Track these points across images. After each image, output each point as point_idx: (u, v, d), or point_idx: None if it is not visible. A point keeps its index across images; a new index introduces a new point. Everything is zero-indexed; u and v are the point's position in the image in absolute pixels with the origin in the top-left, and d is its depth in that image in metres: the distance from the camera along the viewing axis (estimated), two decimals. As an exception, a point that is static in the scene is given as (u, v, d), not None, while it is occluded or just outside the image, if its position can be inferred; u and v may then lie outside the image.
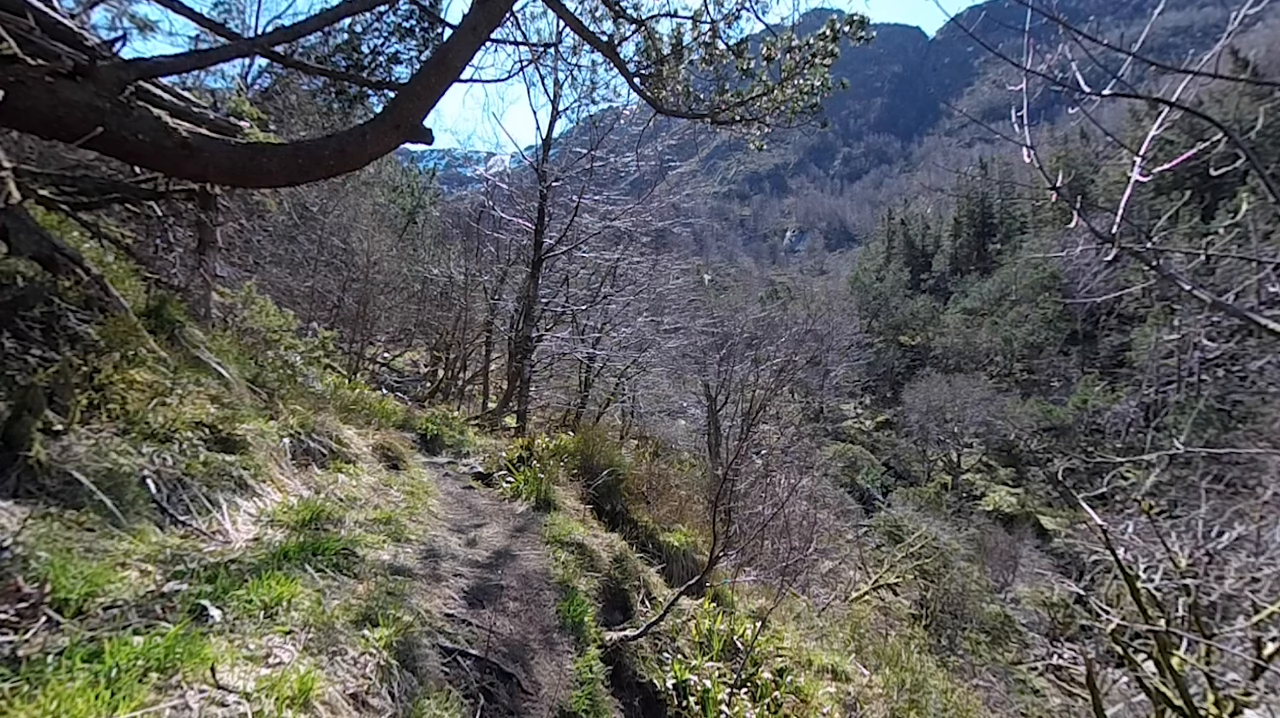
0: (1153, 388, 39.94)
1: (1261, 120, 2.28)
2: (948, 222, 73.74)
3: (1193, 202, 40.09)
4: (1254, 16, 1.81)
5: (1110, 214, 2.09)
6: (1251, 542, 5.17)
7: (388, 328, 15.76)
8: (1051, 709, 14.19)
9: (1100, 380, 43.22)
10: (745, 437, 6.24)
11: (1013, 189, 57.17)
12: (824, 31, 5.45)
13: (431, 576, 2.74)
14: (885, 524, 21.58)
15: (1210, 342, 21.15)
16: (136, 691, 1.25)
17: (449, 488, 4.81)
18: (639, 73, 5.82)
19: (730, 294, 45.53)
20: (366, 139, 3.39)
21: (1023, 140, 2.16)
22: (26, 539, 1.59)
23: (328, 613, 1.88)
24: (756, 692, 3.21)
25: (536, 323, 11.35)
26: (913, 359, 55.96)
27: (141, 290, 3.64)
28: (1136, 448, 30.28)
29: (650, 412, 16.77)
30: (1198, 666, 4.51)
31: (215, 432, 2.73)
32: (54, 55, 2.59)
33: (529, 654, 2.50)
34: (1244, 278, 3.48)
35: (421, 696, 1.82)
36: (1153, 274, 2.01)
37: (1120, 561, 5.06)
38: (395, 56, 6.82)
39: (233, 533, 2.31)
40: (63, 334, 2.45)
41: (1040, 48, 2.13)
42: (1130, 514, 6.29)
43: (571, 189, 11.22)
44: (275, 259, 10.65)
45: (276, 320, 5.73)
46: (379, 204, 17.23)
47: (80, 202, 4.18)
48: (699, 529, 6.30)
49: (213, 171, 3.23)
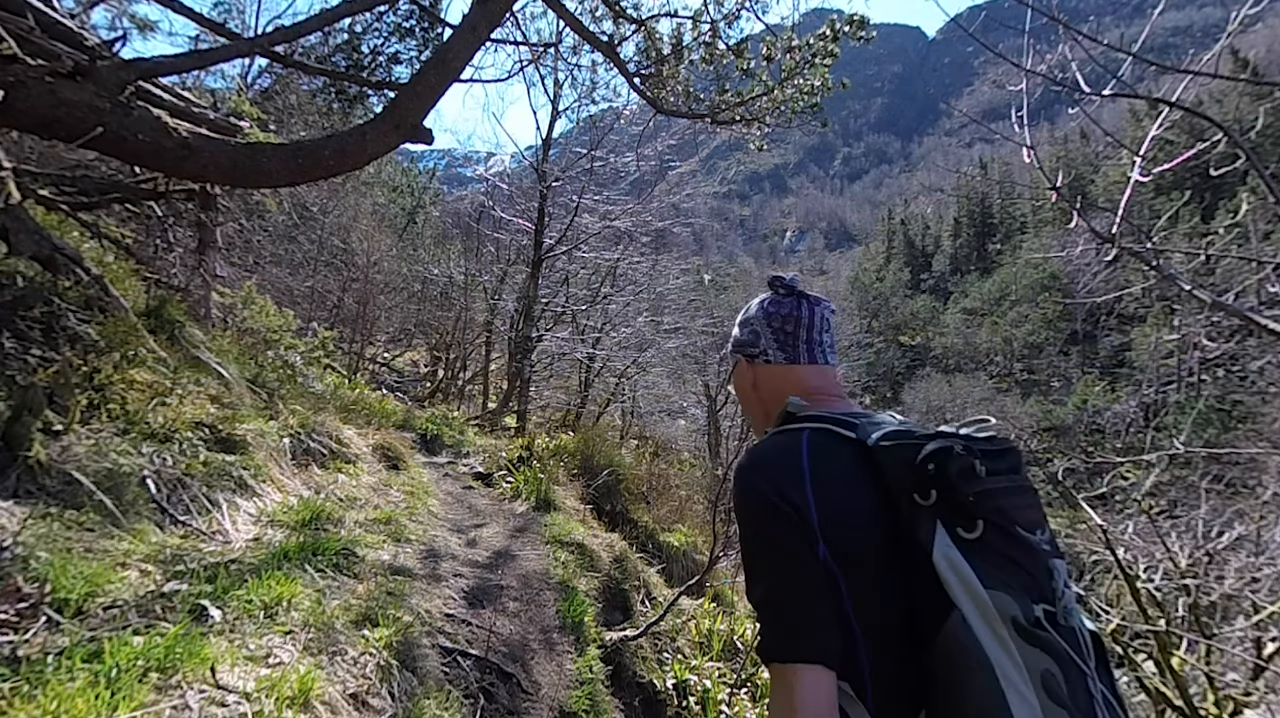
0: (1153, 388, 39.95)
1: (1261, 120, 2.28)
2: (948, 222, 73.80)
3: (1193, 202, 40.11)
4: (1254, 16, 1.81)
5: (1110, 214, 2.09)
6: (1251, 542, 5.18)
7: (388, 328, 15.76)
8: (1051, 709, 14.20)
9: (1100, 380, 43.25)
10: (745, 437, 6.25)
11: (1013, 189, 57.22)
12: (824, 31, 5.46)
13: (431, 576, 2.74)
14: (885, 524, 21.57)
15: (1210, 342, 21.15)
16: (136, 691, 1.25)
17: (449, 488, 4.81)
18: (639, 73, 5.82)
19: (730, 294, 45.49)
20: (366, 139, 3.39)
21: (1023, 140, 2.16)
22: (26, 539, 1.59)
23: (328, 613, 1.88)
24: (756, 692, 3.21)
25: (536, 323, 11.35)
26: (913, 359, 56.00)
27: (141, 290, 3.64)
28: (1136, 448, 30.29)
29: (650, 412, 16.78)
30: (1198, 666, 4.51)
31: (215, 432, 2.73)
32: (54, 55, 2.59)
33: (529, 654, 2.50)
34: (1244, 278, 3.50)
35: (421, 696, 1.83)
36: (1153, 274, 2.01)
37: (1120, 561, 5.06)
38: (395, 56, 6.83)
39: (233, 533, 2.31)
40: (63, 334, 2.45)
41: (1040, 48, 2.13)
42: (1130, 514, 6.29)
43: (571, 189, 11.22)
44: (275, 259, 10.65)
45: (276, 320, 5.73)
46: (379, 204, 17.23)
47: (80, 202, 4.18)
48: (699, 529, 6.30)
49: (213, 171, 3.23)
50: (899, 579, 0.80)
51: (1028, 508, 0.82)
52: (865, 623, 0.80)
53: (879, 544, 0.81)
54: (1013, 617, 0.73)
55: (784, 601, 0.81)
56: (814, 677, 0.76)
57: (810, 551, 0.80)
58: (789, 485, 0.84)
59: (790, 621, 0.80)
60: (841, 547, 0.80)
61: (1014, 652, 0.72)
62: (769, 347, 1.07)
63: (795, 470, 0.85)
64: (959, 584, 0.74)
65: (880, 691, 0.80)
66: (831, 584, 0.80)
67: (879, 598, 0.80)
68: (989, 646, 0.72)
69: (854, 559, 0.80)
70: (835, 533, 0.81)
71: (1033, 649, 0.72)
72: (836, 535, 0.81)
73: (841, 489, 0.84)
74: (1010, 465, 0.84)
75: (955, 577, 0.75)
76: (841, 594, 0.80)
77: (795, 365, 1.05)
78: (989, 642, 0.72)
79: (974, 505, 0.77)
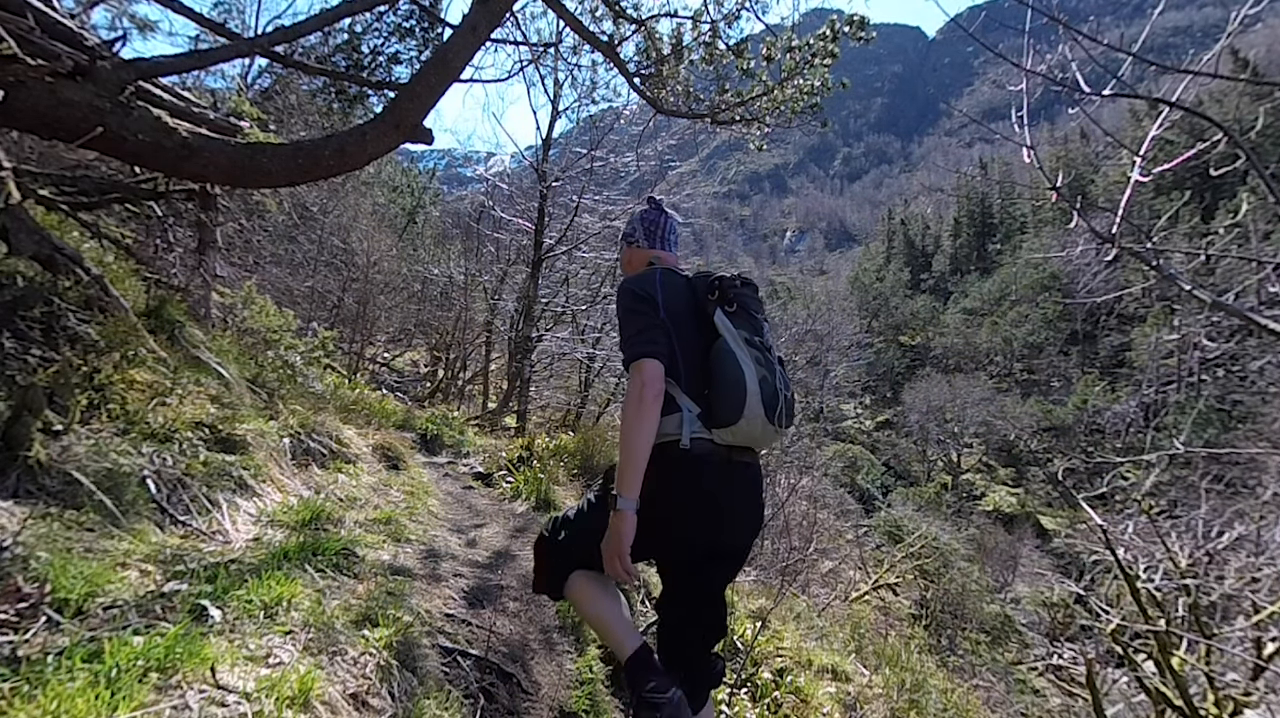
0: (1153, 388, 39.93)
1: (1261, 120, 2.28)
2: (948, 222, 73.77)
3: (1193, 202, 40.10)
4: (1254, 16, 1.81)
5: (1110, 214, 2.09)
6: (1251, 542, 5.18)
7: (388, 328, 15.76)
8: (1051, 709, 14.18)
9: (1100, 380, 43.21)
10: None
11: (1013, 189, 57.18)
12: (824, 32, 5.46)
13: (431, 576, 2.74)
14: (885, 524, 21.57)
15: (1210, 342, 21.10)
16: (136, 691, 1.25)
17: (449, 488, 4.81)
18: (639, 73, 5.83)
19: (730, 294, 45.42)
20: (366, 139, 3.39)
21: (1023, 140, 2.16)
22: (26, 539, 1.59)
23: (328, 613, 1.88)
24: (756, 692, 3.21)
25: (536, 323, 11.34)
26: (913, 359, 55.96)
27: (141, 290, 3.64)
28: (1136, 448, 30.26)
29: (650, 412, 16.71)
30: (1198, 666, 4.51)
31: (215, 432, 2.72)
32: (54, 55, 2.59)
33: (529, 654, 2.50)
34: (1244, 278, 3.49)
35: (421, 696, 1.82)
36: (1153, 274, 2.01)
37: (1120, 561, 5.06)
38: (395, 56, 6.82)
39: (233, 533, 2.31)
40: (63, 334, 2.45)
41: (1040, 48, 2.13)
42: (1130, 514, 6.29)
43: (571, 189, 11.21)
44: (275, 259, 10.64)
45: (276, 320, 5.74)
46: (379, 204, 17.23)
47: (80, 202, 4.18)
48: (699, 529, 6.29)
49: (213, 171, 3.23)
50: (697, 332, 1.66)
51: (754, 303, 1.74)
52: (682, 349, 1.63)
53: (690, 317, 1.68)
54: (745, 337, 1.64)
55: (641, 333, 1.61)
56: (653, 364, 1.56)
57: (657, 315, 1.64)
58: (649, 288, 1.68)
59: (644, 340, 1.59)
60: (672, 316, 1.65)
61: (745, 349, 1.62)
62: (640, 237, 1.95)
63: (652, 283, 1.70)
64: (723, 327, 1.64)
65: (687, 380, 1.63)
66: (666, 331, 1.62)
67: (687, 339, 1.65)
68: (735, 348, 1.61)
69: (678, 322, 1.65)
70: (670, 310, 1.65)
71: (752, 350, 1.63)
72: (670, 310, 1.65)
73: (674, 292, 1.69)
74: (751, 287, 1.77)
75: (723, 325, 1.64)
76: (671, 337, 1.62)
77: (654, 249, 1.92)
78: (734, 347, 1.61)
79: (732, 299, 1.68)
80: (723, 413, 1.57)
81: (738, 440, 1.61)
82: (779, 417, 1.61)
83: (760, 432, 1.60)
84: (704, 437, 1.59)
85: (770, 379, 1.61)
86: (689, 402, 1.60)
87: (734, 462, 1.62)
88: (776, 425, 1.61)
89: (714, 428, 1.58)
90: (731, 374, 1.58)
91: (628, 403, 1.54)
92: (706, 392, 1.61)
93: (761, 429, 1.59)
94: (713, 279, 1.70)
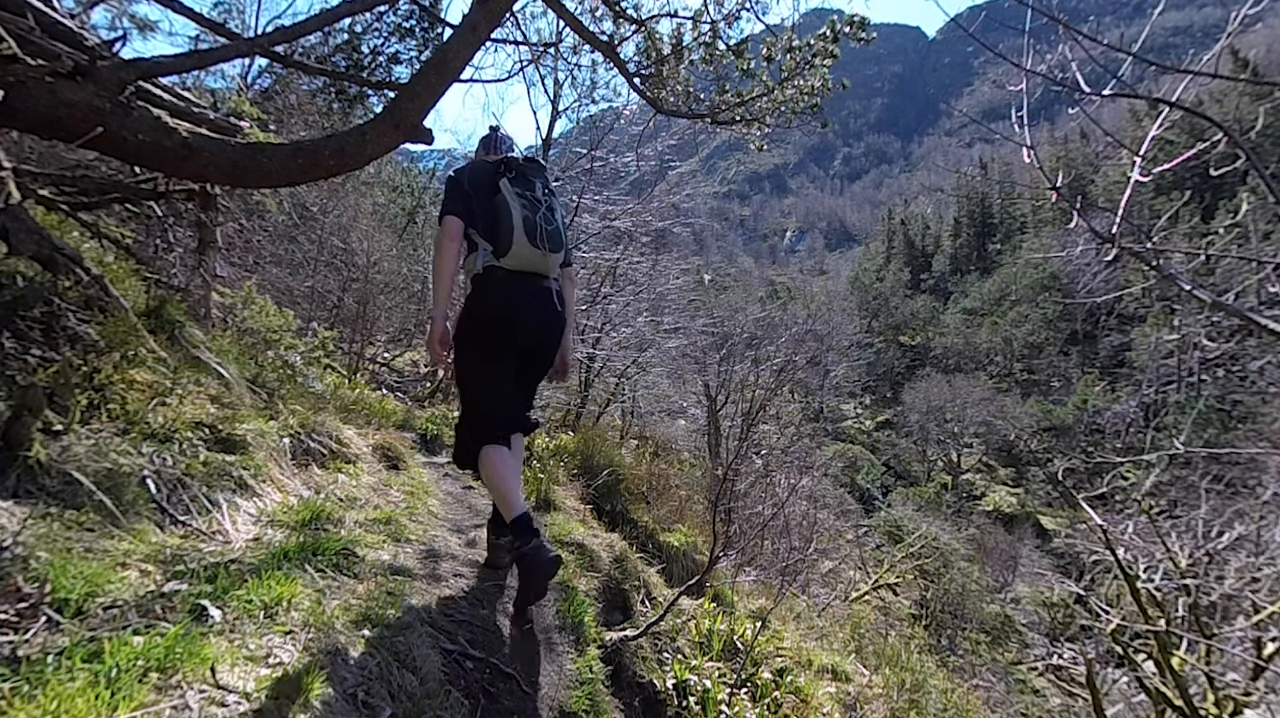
0: (1153, 388, 39.91)
1: (1261, 120, 2.28)
2: (948, 222, 73.75)
3: (1193, 202, 40.10)
4: (1254, 16, 1.81)
5: (1110, 214, 2.09)
6: (1251, 542, 5.18)
7: (388, 328, 15.74)
8: (1051, 709, 14.18)
9: (1100, 380, 43.21)
10: (745, 437, 6.23)
11: (1013, 189, 57.17)
12: (824, 32, 5.45)
13: (431, 576, 2.74)
14: (885, 524, 21.58)
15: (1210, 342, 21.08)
16: (136, 691, 1.25)
17: (449, 488, 4.81)
18: (639, 73, 5.82)
19: (730, 294, 45.44)
20: (366, 139, 3.39)
21: (1023, 140, 2.16)
22: (26, 539, 1.59)
23: (328, 613, 1.88)
24: (756, 692, 3.20)
25: (536, 323, 11.30)
26: (913, 359, 55.95)
27: (141, 290, 3.64)
28: (1136, 448, 30.26)
29: (650, 412, 16.75)
30: (1198, 666, 4.51)
31: (215, 432, 2.72)
32: (54, 55, 2.59)
33: (529, 654, 2.50)
34: (1244, 278, 3.47)
35: (421, 696, 1.82)
36: (1153, 274, 2.01)
37: (1120, 561, 5.06)
38: (395, 56, 6.83)
39: (233, 533, 2.31)
40: (63, 334, 2.45)
41: (1040, 48, 2.13)
42: (1130, 514, 6.29)
43: (571, 189, 11.21)
44: (275, 259, 10.63)
45: (276, 320, 5.73)
46: (379, 204, 17.20)
47: (80, 202, 4.18)
48: (699, 529, 6.30)
49: (213, 171, 3.23)
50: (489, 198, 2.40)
51: (533, 171, 2.52)
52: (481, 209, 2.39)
53: (490, 189, 2.40)
54: (518, 193, 2.40)
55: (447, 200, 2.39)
56: (451, 219, 2.36)
57: (464, 191, 2.39)
58: (460, 174, 2.47)
59: (451, 205, 2.37)
60: (475, 189, 2.40)
61: (515, 200, 2.38)
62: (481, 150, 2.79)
63: (462, 171, 2.48)
64: (504, 188, 2.40)
65: (485, 229, 2.40)
66: (468, 198, 2.39)
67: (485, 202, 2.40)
68: (509, 199, 2.38)
69: (480, 193, 2.40)
70: (474, 184, 2.42)
71: (521, 199, 2.40)
72: (474, 185, 2.42)
73: (479, 175, 2.45)
74: (533, 163, 2.56)
75: (504, 187, 2.41)
76: (472, 201, 2.39)
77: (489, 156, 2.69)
78: (508, 199, 2.38)
79: (514, 169, 2.46)
80: (500, 244, 2.34)
81: (518, 265, 2.35)
82: (540, 241, 2.35)
83: (529, 254, 2.34)
84: (493, 264, 2.36)
85: (532, 217, 2.35)
86: (485, 243, 2.39)
87: (517, 280, 2.37)
88: (541, 249, 2.35)
89: (499, 257, 2.34)
90: (504, 216, 2.35)
91: (435, 246, 2.38)
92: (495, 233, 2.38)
93: (529, 253, 2.34)
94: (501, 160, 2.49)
